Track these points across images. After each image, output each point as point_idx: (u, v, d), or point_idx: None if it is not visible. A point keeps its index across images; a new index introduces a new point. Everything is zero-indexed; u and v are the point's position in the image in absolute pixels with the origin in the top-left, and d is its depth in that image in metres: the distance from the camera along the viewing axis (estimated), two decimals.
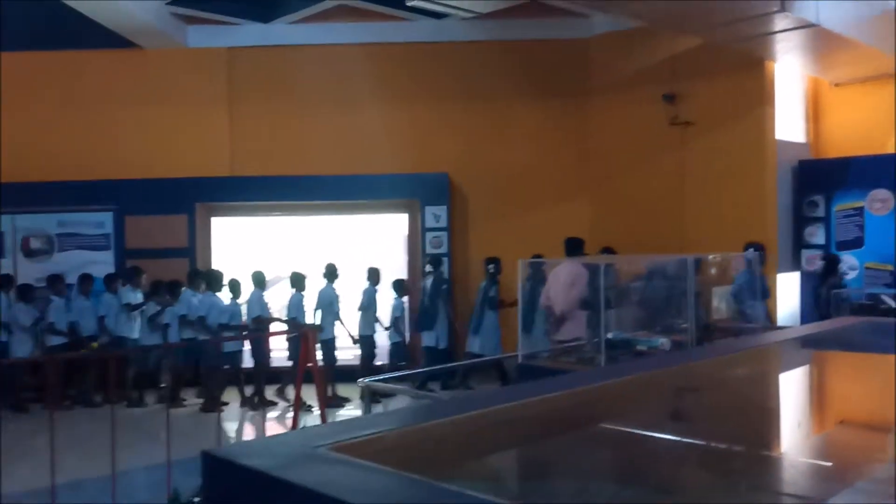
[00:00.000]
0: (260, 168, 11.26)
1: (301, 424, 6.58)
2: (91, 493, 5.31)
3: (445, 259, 10.83)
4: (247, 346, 9.76)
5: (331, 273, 9.70)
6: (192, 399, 9.74)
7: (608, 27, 11.25)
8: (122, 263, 10.81)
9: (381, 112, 11.47)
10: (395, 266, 11.02)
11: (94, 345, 9.61)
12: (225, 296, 9.67)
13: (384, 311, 9.98)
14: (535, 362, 5.88)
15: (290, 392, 8.88)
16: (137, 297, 9.89)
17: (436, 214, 10.98)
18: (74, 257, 10.88)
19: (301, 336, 5.27)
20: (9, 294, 9.73)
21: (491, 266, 9.89)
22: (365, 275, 9.96)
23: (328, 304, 9.54)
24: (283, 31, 11.50)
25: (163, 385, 9.78)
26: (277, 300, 10.38)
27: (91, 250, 10.95)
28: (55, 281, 9.97)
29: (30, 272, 10.62)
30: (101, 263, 10.77)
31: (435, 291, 9.86)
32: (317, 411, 7.72)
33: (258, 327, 9.43)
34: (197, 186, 11.05)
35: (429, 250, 10.88)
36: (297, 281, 9.59)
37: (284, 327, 9.62)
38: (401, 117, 11.44)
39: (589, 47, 11.57)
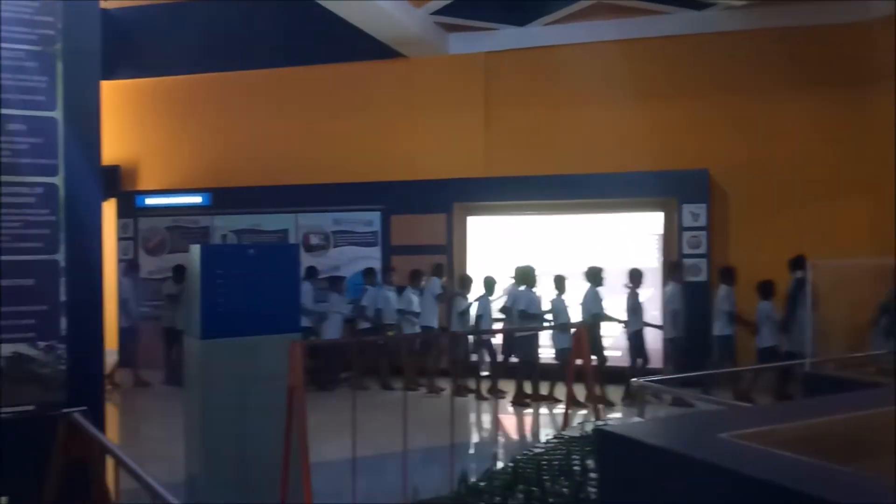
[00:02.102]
0: (514, 168, 11.52)
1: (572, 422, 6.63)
2: (382, 468, 5.77)
3: (705, 260, 10.41)
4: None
5: (637, 276, 9.64)
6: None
7: (892, 9, 10.12)
8: (388, 259, 11.62)
9: (636, 108, 11.24)
10: (648, 267, 10.75)
11: (391, 333, 10.39)
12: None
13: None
14: (824, 371, 5.44)
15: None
16: (439, 289, 10.41)
17: (694, 213, 10.54)
18: (347, 253, 11.89)
19: (575, 333, 5.31)
20: (311, 283, 10.76)
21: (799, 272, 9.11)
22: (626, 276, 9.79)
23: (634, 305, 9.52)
24: (538, 33, 11.68)
25: (482, 374, 10.19)
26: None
27: (361, 246, 11.88)
28: (369, 273, 10.91)
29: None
30: (370, 259, 11.66)
31: (795, 294, 9.09)
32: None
33: (594, 324, 9.37)
34: (455, 187, 11.56)
35: (686, 251, 10.49)
36: (594, 276, 9.60)
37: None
38: (657, 113, 11.14)
39: (869, 31, 10.48)
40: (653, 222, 11.17)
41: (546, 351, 9.86)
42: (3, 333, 3.92)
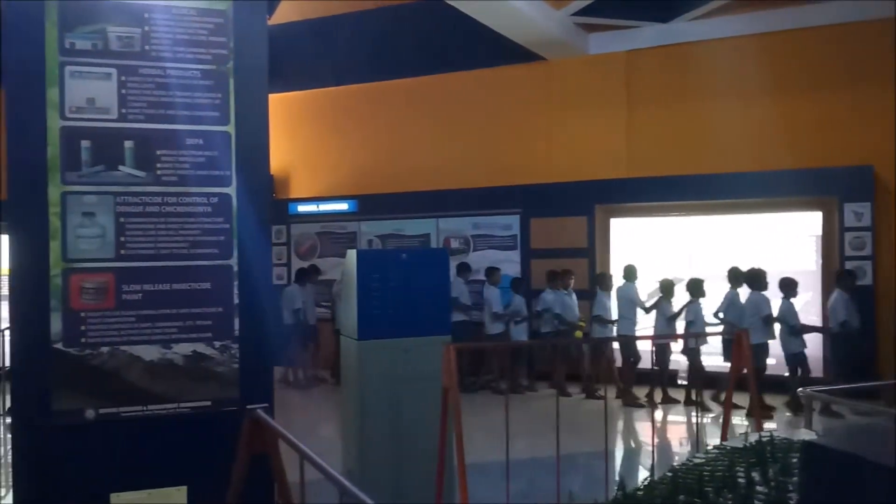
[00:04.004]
0: (657, 168, 11.21)
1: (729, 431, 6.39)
2: (539, 470, 5.75)
3: (869, 263, 9.71)
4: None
5: (788, 286, 9.19)
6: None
7: None
8: (528, 263, 11.60)
9: (789, 102, 10.65)
10: (805, 271, 10.17)
11: (581, 327, 10.38)
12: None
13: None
14: None
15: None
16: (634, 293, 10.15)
17: (857, 212, 9.85)
18: (486, 256, 11.96)
19: (735, 339, 5.09)
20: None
21: None
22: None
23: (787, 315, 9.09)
24: (681, 29, 11.30)
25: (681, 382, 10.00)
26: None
27: (500, 250, 11.93)
28: (551, 277, 10.81)
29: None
30: (509, 262, 11.69)
31: None
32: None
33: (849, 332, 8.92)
34: (596, 189, 11.38)
35: (848, 252, 9.83)
36: (847, 281, 9.07)
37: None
38: (812, 106, 10.51)
39: None
40: (811, 223, 10.54)
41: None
42: (183, 333, 4.19)
